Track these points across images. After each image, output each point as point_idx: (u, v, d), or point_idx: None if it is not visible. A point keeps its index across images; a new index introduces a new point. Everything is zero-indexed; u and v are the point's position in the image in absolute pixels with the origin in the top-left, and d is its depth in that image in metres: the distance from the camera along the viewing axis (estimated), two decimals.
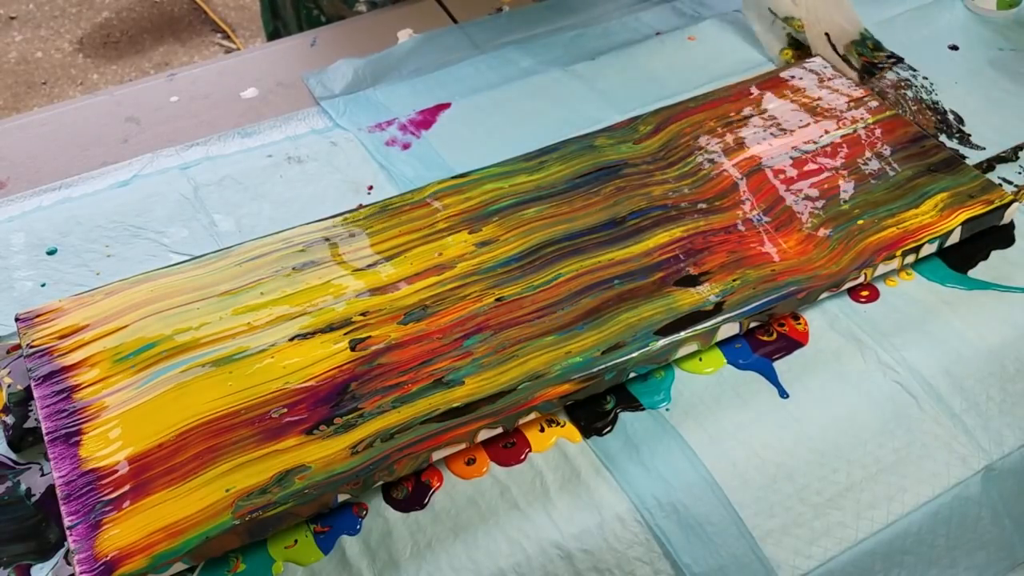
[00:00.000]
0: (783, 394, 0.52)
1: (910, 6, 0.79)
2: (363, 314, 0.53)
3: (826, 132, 0.64)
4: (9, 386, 0.51)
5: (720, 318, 0.52)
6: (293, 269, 0.55)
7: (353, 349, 0.51)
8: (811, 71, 0.69)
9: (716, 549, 0.46)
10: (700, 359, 0.53)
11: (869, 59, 0.68)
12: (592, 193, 0.60)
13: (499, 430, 0.49)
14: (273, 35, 1.06)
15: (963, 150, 0.66)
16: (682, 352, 0.52)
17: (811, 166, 0.61)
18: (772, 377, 0.52)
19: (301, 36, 0.81)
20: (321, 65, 0.76)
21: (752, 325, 0.54)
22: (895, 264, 0.56)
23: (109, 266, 0.59)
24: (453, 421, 0.48)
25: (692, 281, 0.54)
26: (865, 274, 0.56)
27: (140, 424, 0.47)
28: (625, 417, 0.50)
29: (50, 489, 0.48)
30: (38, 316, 0.53)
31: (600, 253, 0.56)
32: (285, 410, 0.48)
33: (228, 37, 2.05)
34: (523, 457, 0.49)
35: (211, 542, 0.43)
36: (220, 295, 0.54)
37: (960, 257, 0.58)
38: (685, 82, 0.72)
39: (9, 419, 0.50)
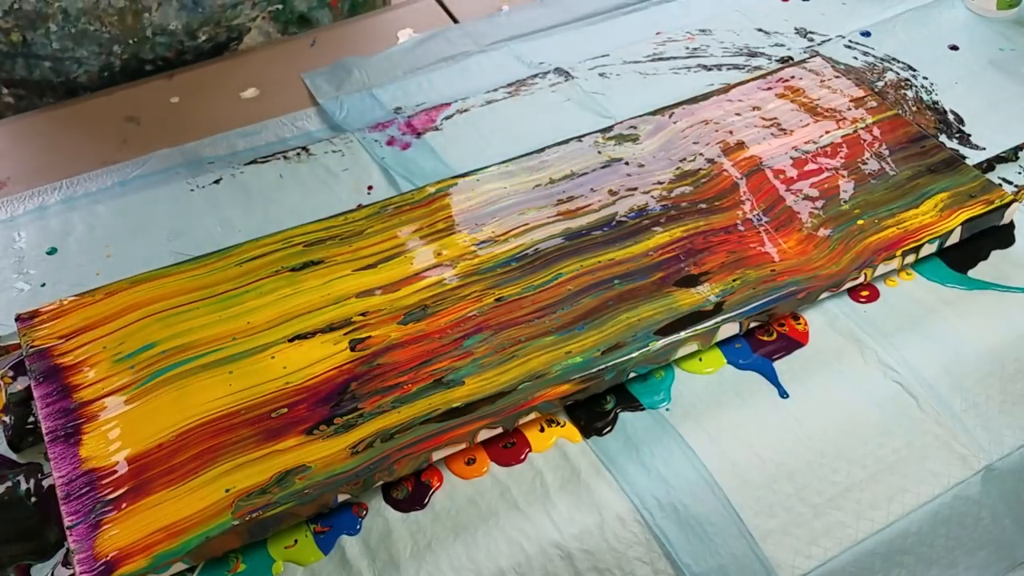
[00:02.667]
0: (783, 394, 0.52)
1: (910, 6, 0.79)
2: (363, 314, 0.53)
3: (826, 132, 0.64)
4: (9, 386, 0.51)
5: (720, 318, 0.52)
6: (293, 269, 0.55)
7: (353, 349, 0.51)
8: (811, 71, 0.69)
9: (716, 549, 0.46)
10: (700, 359, 0.53)
11: None
12: (592, 193, 0.60)
13: (499, 430, 0.49)
14: None
15: (963, 150, 0.66)
16: (682, 352, 0.52)
17: (811, 166, 0.61)
18: (772, 377, 0.52)
19: (301, 36, 0.81)
20: (321, 65, 0.76)
21: (752, 325, 0.54)
22: (895, 264, 0.56)
23: (109, 266, 0.59)
24: (453, 421, 0.48)
25: (692, 281, 0.54)
26: (865, 274, 0.56)
27: (140, 424, 0.47)
28: (625, 417, 0.50)
29: (50, 489, 0.48)
30: (38, 316, 0.53)
31: (600, 253, 0.56)
32: (285, 410, 0.48)
33: None
34: (523, 457, 0.49)
35: (211, 542, 0.43)
36: (220, 295, 0.54)
37: (960, 257, 0.58)
38: (685, 82, 0.72)
39: (9, 419, 0.50)
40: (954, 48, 0.75)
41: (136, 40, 0.76)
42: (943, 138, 0.67)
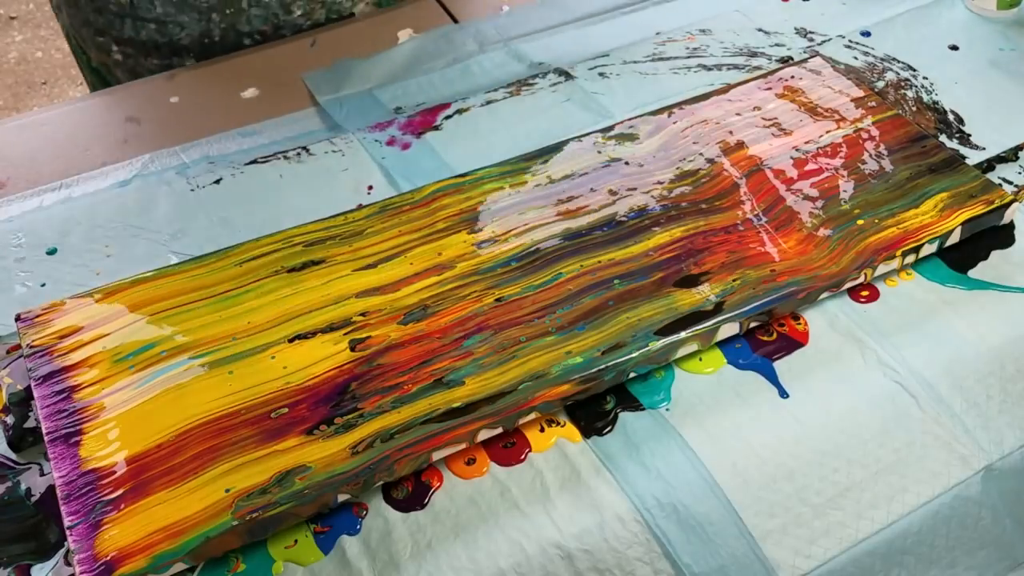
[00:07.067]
0: (783, 394, 0.52)
1: (910, 6, 0.79)
2: (363, 314, 0.53)
3: (826, 132, 0.64)
4: (9, 386, 0.51)
5: (720, 318, 0.52)
6: (293, 269, 0.55)
7: (353, 349, 0.51)
8: (811, 71, 0.69)
9: (716, 549, 0.46)
10: (700, 359, 0.53)
11: None
12: (592, 193, 0.60)
13: (499, 430, 0.49)
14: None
15: (963, 150, 0.66)
16: (682, 352, 0.52)
17: (811, 166, 0.61)
18: (772, 377, 0.52)
19: (301, 36, 0.81)
20: (321, 65, 0.76)
21: (752, 325, 0.54)
22: (895, 264, 0.56)
23: (109, 266, 0.59)
24: (453, 421, 0.48)
25: (692, 281, 0.54)
26: (865, 274, 0.56)
27: (140, 424, 0.48)
28: (625, 417, 0.50)
29: (50, 489, 0.48)
30: (38, 316, 0.53)
31: (600, 253, 0.56)
32: (285, 410, 0.48)
33: None
34: (523, 457, 0.49)
35: (211, 542, 0.43)
36: (220, 295, 0.54)
37: (960, 257, 0.58)
38: (685, 82, 0.72)
39: (9, 419, 0.50)
40: (954, 48, 0.75)
41: (232, 11, 0.79)
42: (943, 138, 0.67)
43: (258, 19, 0.80)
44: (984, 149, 0.66)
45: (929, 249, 0.57)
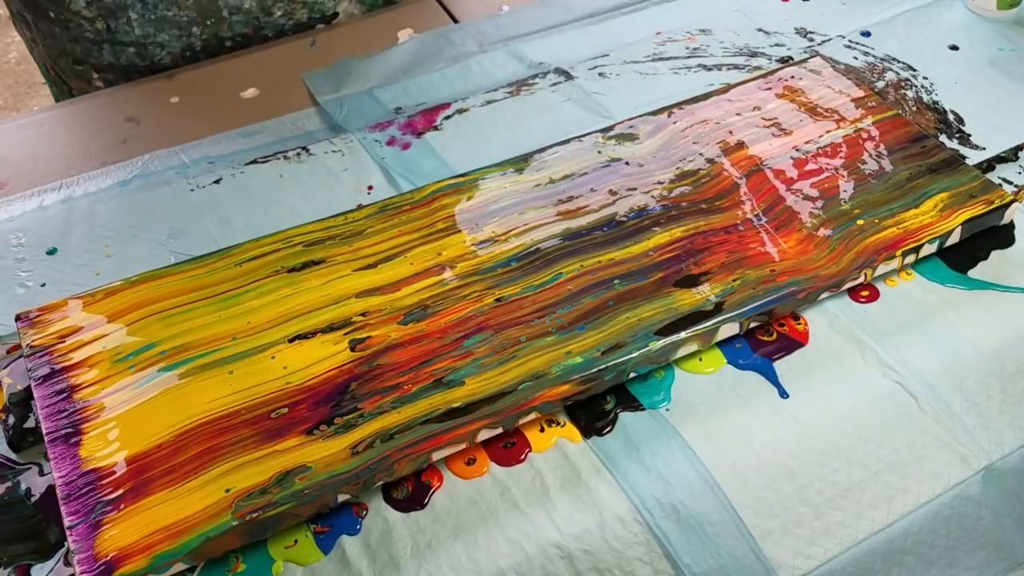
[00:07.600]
0: (783, 394, 0.52)
1: (910, 6, 0.79)
2: (363, 314, 0.53)
3: (826, 132, 0.64)
4: (9, 386, 0.51)
5: (720, 318, 0.52)
6: (293, 269, 0.55)
7: (353, 349, 0.51)
8: (811, 71, 0.69)
9: (716, 549, 0.46)
10: (700, 359, 0.53)
11: None
12: (592, 193, 0.60)
13: (499, 430, 0.49)
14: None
15: (963, 150, 0.66)
16: (682, 352, 0.52)
17: (811, 166, 0.61)
18: (772, 377, 0.52)
19: (301, 36, 0.81)
20: (321, 65, 0.76)
21: (752, 325, 0.54)
22: (895, 264, 0.56)
23: (109, 266, 0.59)
24: (453, 421, 0.48)
25: (692, 281, 0.54)
26: (865, 274, 0.56)
27: (140, 424, 0.48)
28: (625, 417, 0.50)
29: (50, 489, 0.48)
30: (38, 316, 0.53)
31: (600, 253, 0.56)
32: (285, 410, 0.48)
33: None
34: (523, 457, 0.49)
35: (211, 542, 0.43)
36: (220, 295, 0.54)
37: (960, 257, 0.58)
38: (685, 82, 0.72)
39: (9, 419, 0.50)
40: (954, 48, 0.75)
41: (213, 21, 0.79)
42: (943, 138, 0.67)
43: (239, 24, 0.79)
44: (984, 149, 0.66)
45: (929, 249, 0.57)
